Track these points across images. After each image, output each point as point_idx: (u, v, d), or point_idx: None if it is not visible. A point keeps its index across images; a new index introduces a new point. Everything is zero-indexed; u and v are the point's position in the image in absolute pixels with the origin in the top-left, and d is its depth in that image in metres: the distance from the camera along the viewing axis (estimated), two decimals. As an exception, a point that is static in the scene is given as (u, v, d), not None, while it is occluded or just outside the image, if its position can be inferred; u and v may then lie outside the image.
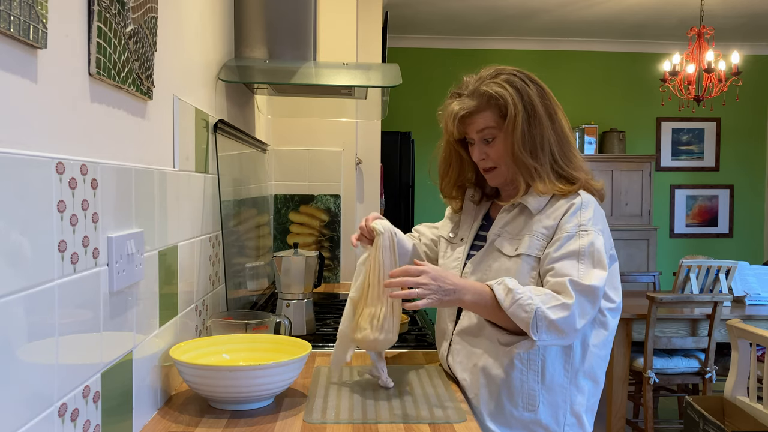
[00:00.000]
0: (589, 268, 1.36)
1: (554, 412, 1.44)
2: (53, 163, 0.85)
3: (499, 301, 1.32)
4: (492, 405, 1.45)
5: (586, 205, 1.43)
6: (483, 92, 1.45)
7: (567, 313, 1.31)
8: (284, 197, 3.07)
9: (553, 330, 1.31)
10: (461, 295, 1.34)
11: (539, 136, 1.44)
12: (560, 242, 1.39)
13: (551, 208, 1.45)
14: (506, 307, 1.31)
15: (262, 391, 1.28)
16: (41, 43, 0.81)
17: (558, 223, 1.42)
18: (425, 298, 1.31)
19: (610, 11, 5.29)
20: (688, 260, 3.81)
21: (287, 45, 2.13)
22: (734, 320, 2.78)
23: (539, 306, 1.30)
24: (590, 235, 1.38)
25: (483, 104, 1.45)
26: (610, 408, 3.48)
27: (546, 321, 1.30)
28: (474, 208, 1.62)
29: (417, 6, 5.23)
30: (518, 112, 1.42)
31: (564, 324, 1.31)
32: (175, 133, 1.42)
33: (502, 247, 1.47)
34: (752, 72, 6.19)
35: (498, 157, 1.47)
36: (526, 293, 1.32)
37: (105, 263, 1.02)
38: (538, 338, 1.31)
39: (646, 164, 5.90)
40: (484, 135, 1.47)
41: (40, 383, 0.83)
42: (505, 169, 1.48)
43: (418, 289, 1.32)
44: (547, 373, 1.43)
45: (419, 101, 6.02)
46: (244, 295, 2.10)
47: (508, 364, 1.43)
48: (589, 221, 1.40)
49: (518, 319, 1.31)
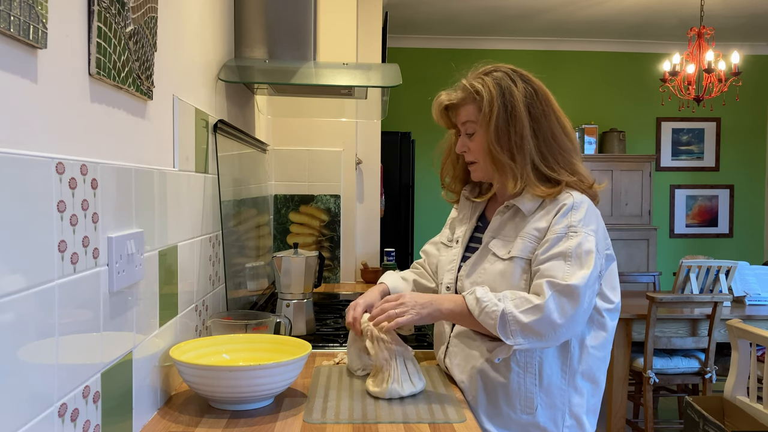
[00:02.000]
0: (576, 270, 1.35)
1: (553, 414, 1.43)
2: (53, 163, 0.85)
3: (471, 311, 1.36)
4: (490, 407, 1.44)
5: (578, 206, 1.42)
6: (466, 86, 1.48)
7: (540, 314, 1.32)
8: (284, 197, 3.07)
9: (529, 333, 1.32)
10: (438, 305, 1.39)
11: (517, 135, 1.43)
12: (549, 243, 1.39)
13: (543, 210, 1.45)
14: (476, 316, 1.35)
15: (262, 391, 1.28)
16: (41, 43, 0.81)
17: (549, 224, 1.42)
18: (404, 315, 1.38)
19: (610, 11, 5.29)
20: (688, 260, 3.81)
21: (287, 45, 2.13)
22: (734, 320, 2.78)
23: (505, 310, 1.32)
24: (579, 236, 1.38)
25: (466, 98, 1.48)
26: (610, 408, 3.48)
27: (518, 325, 1.32)
28: (470, 207, 1.62)
29: (417, 6, 5.23)
30: (493, 109, 1.43)
31: (539, 325, 1.32)
32: (175, 133, 1.42)
33: (496, 249, 1.47)
34: (752, 72, 6.19)
35: (477, 152, 1.49)
36: (492, 300, 1.34)
37: (105, 263, 1.02)
38: (513, 342, 1.33)
39: (646, 164, 5.90)
40: (466, 128, 1.50)
41: (40, 383, 0.83)
42: (483, 165, 1.49)
43: (398, 310, 1.38)
44: (545, 375, 1.43)
45: (419, 101, 6.02)
46: (244, 295, 2.10)
47: (505, 366, 1.43)
48: (580, 222, 1.40)
49: (488, 326, 1.34)
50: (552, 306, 1.32)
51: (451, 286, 1.56)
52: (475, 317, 1.35)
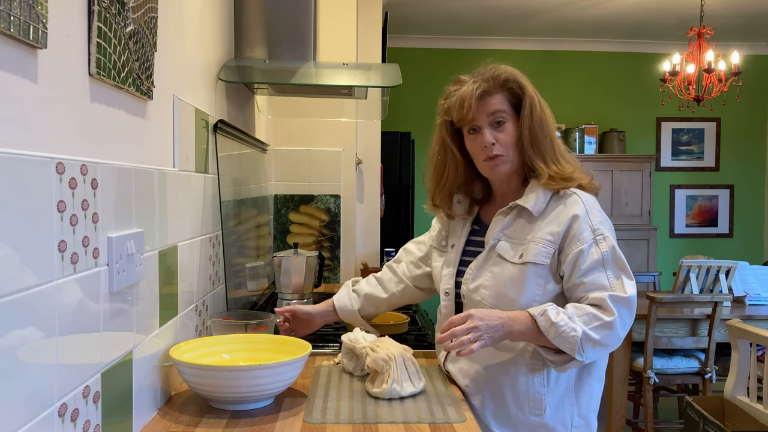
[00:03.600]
0: (618, 276, 1.38)
1: (562, 415, 1.43)
2: (53, 163, 0.85)
3: (543, 332, 1.34)
4: (497, 410, 1.44)
5: (590, 207, 1.43)
6: (497, 75, 1.46)
7: (610, 330, 1.34)
8: (284, 197, 3.07)
9: (599, 347, 1.35)
10: (509, 328, 1.35)
11: (546, 123, 1.46)
12: (583, 254, 1.38)
13: (553, 212, 1.43)
14: (551, 338, 1.33)
15: (262, 391, 1.28)
16: (41, 43, 0.81)
17: (566, 229, 1.40)
18: (478, 341, 1.32)
19: (610, 11, 5.29)
20: (688, 260, 3.81)
21: (287, 45, 2.13)
22: (734, 320, 2.78)
23: (583, 332, 1.32)
24: (608, 240, 1.40)
25: (497, 86, 1.45)
26: (610, 408, 3.48)
27: (591, 342, 1.33)
28: (463, 215, 1.59)
29: (417, 6, 5.23)
30: (532, 94, 1.46)
31: (608, 340, 1.35)
32: (175, 133, 1.42)
33: (504, 252, 1.45)
34: (752, 72, 6.19)
35: (508, 143, 1.45)
36: (568, 324, 1.32)
37: (105, 263, 1.02)
38: (584, 358, 1.34)
39: (646, 164, 5.90)
40: (495, 118, 1.45)
41: (40, 383, 0.83)
42: (513, 156, 1.46)
43: (470, 335, 1.32)
44: (552, 376, 1.42)
45: (419, 101, 6.02)
46: (244, 295, 2.10)
47: (514, 369, 1.43)
48: (600, 224, 1.41)
49: (564, 347, 1.34)
50: (619, 322, 1.35)
51: (450, 292, 1.54)
52: (547, 338, 1.34)
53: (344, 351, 1.56)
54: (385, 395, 1.36)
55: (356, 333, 1.55)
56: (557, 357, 1.37)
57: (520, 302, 1.40)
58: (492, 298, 1.44)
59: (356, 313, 1.73)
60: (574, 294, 1.40)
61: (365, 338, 1.52)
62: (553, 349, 1.37)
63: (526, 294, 1.40)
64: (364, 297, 1.74)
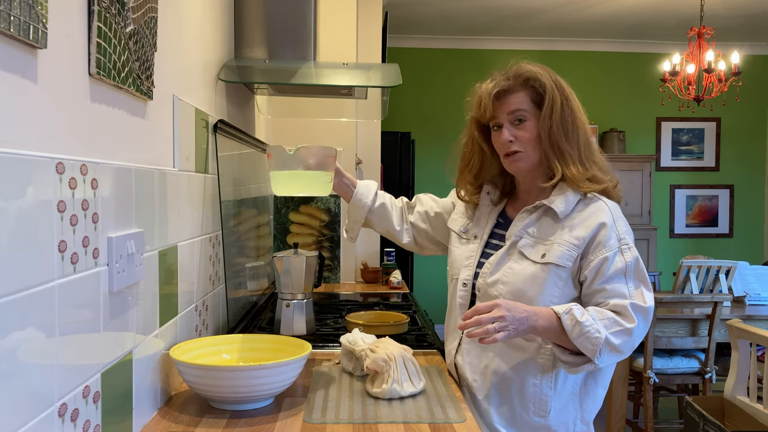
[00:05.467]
0: (638, 286, 1.38)
1: (565, 419, 1.43)
2: (53, 163, 0.85)
3: (566, 331, 1.33)
4: (502, 407, 1.44)
5: (617, 216, 1.44)
6: (519, 74, 1.46)
7: (629, 337, 1.35)
8: (284, 197, 3.06)
9: (615, 352, 1.35)
10: (533, 322, 1.34)
11: (571, 123, 1.45)
12: (607, 261, 1.38)
13: (580, 216, 1.43)
14: (573, 338, 1.33)
15: (262, 391, 1.28)
16: (41, 43, 0.81)
17: (593, 236, 1.40)
18: (502, 330, 1.31)
19: (610, 11, 5.29)
20: (688, 260, 3.81)
21: (287, 45, 2.13)
22: (734, 320, 2.78)
23: (605, 336, 1.32)
24: (632, 251, 1.41)
25: (518, 84, 1.46)
26: (610, 408, 3.48)
27: (609, 346, 1.33)
28: (490, 206, 1.59)
29: (417, 6, 5.23)
30: (555, 93, 1.44)
31: (625, 347, 1.36)
32: (175, 133, 1.42)
33: (526, 250, 1.44)
34: (752, 72, 6.19)
35: (526, 141, 1.45)
36: (593, 325, 1.32)
37: (105, 263, 1.02)
38: (600, 362, 1.34)
39: (646, 164, 5.90)
40: (515, 116, 1.46)
41: (40, 383, 0.83)
42: (531, 154, 1.46)
43: (495, 324, 1.31)
44: (560, 379, 1.43)
45: (419, 101, 6.03)
46: (244, 295, 2.10)
47: (523, 369, 1.43)
48: (626, 234, 1.42)
49: (584, 348, 1.34)
50: (636, 330, 1.36)
51: (468, 283, 1.53)
52: (570, 338, 1.33)
53: (343, 352, 1.56)
54: (385, 395, 1.36)
55: (355, 335, 1.55)
56: (572, 358, 1.37)
57: (537, 302, 1.40)
58: (509, 294, 1.43)
59: (365, 210, 1.73)
60: (593, 299, 1.40)
61: (364, 340, 1.52)
62: (569, 349, 1.37)
63: (544, 294, 1.40)
64: (381, 206, 1.74)
